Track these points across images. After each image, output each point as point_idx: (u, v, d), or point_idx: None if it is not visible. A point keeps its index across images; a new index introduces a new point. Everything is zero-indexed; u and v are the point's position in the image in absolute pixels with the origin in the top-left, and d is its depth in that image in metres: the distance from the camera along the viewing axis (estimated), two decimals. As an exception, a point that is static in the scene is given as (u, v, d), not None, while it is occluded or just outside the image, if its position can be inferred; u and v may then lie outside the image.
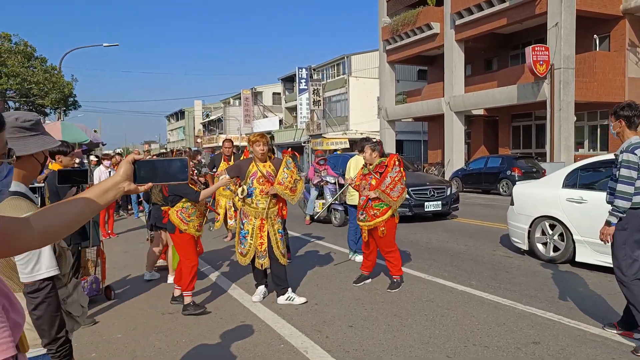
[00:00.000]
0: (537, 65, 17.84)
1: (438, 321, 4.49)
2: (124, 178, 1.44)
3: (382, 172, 5.44)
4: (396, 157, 5.53)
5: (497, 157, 18.70)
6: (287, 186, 4.99)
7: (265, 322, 4.58)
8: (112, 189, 1.41)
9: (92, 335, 4.40)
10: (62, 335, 1.81)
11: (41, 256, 1.75)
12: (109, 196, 1.41)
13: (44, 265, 1.75)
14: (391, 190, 5.34)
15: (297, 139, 41.08)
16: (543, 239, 6.63)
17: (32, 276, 1.74)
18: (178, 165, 1.52)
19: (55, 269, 1.78)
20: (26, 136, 1.75)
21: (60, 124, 15.78)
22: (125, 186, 1.43)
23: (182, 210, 4.87)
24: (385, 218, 5.42)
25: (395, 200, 5.36)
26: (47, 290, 1.76)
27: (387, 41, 27.43)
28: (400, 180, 5.39)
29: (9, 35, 20.30)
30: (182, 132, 75.86)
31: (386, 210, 5.43)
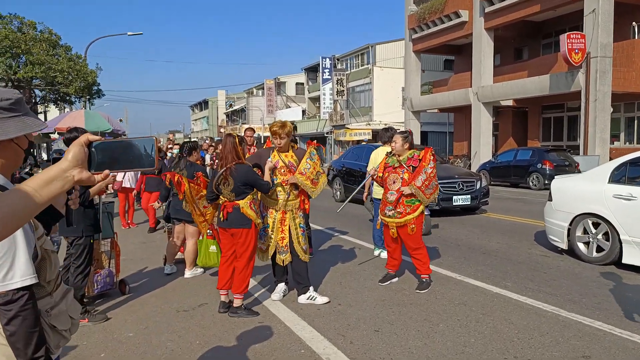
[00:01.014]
0: (572, 53, 17.06)
1: (473, 327, 4.11)
2: (72, 164, 1.12)
3: (416, 166, 5.05)
4: (431, 150, 5.12)
5: (527, 150, 18.01)
6: (309, 177, 4.66)
7: (285, 324, 4.27)
8: (57, 178, 1.10)
9: (103, 333, 4.16)
10: (41, 354, 1.50)
11: (15, 261, 1.44)
12: (54, 188, 1.10)
13: (17, 273, 1.45)
14: (426, 187, 4.96)
15: (319, 130, 40.73)
16: (585, 238, 6.15)
17: (4, 285, 1.43)
18: (144, 147, 1.19)
19: (32, 277, 1.48)
20: (3, 117, 1.44)
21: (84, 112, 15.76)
22: (76, 174, 1.12)
23: (253, 203, 4.50)
24: (416, 215, 5.05)
25: (429, 197, 4.99)
26: (21, 303, 1.45)
27: (413, 30, 26.75)
28: (435, 177, 5.01)
29: (34, 23, 20.36)
30: (205, 121, 76.24)
31: (417, 206, 5.05)
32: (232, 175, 4.35)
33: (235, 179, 4.36)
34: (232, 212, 4.38)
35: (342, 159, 13.83)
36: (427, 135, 33.46)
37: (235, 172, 4.35)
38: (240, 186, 4.37)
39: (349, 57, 39.78)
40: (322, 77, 39.32)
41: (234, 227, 4.41)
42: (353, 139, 33.56)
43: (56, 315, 1.65)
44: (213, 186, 4.47)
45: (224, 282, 4.58)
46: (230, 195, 4.39)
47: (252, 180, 4.41)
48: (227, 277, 4.57)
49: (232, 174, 4.35)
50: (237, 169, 4.36)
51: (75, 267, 4.41)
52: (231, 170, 4.35)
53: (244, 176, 4.37)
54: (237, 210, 4.37)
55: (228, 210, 4.38)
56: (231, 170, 4.35)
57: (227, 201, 4.41)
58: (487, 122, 22.99)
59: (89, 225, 4.45)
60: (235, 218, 4.38)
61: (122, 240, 6.85)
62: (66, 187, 1.13)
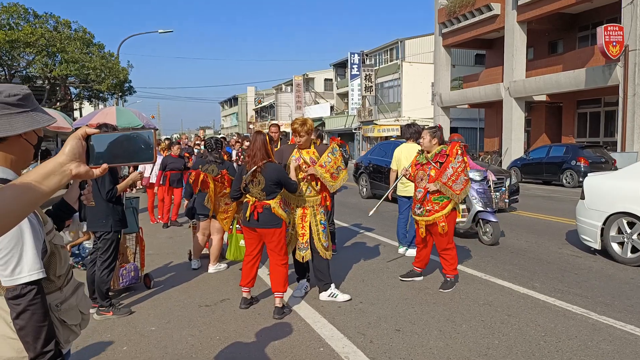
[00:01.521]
0: (609, 46, 16.44)
1: (497, 329, 4.00)
2: (70, 158, 1.10)
3: (443, 161, 4.93)
4: (458, 144, 4.96)
5: (560, 146, 17.48)
6: (329, 170, 4.61)
7: (305, 321, 4.24)
8: (54, 172, 1.08)
9: (127, 326, 4.22)
10: (51, 348, 1.51)
11: (23, 256, 1.45)
12: (52, 182, 1.08)
13: (25, 267, 1.45)
14: (453, 182, 4.83)
15: (347, 126, 40.56)
16: (619, 238, 5.91)
17: (13, 279, 1.45)
18: (142, 140, 1.16)
19: (40, 272, 1.48)
20: (12, 113, 1.45)
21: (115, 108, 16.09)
22: (73, 168, 1.10)
23: (282, 202, 4.47)
24: (445, 212, 4.92)
25: (459, 193, 4.84)
26: (30, 297, 1.46)
27: (443, 24, 26.30)
28: (463, 171, 4.86)
29: (69, 22, 20.89)
30: (235, 118, 76.99)
31: (446, 203, 4.92)
32: (263, 174, 4.29)
33: (267, 178, 4.28)
34: (262, 212, 4.29)
35: (368, 155, 13.72)
36: (457, 131, 32.87)
37: (266, 171, 4.29)
38: (272, 185, 4.29)
39: (378, 53, 39.42)
40: (351, 73, 39.10)
41: (266, 227, 4.33)
42: (381, 135, 33.32)
43: (66, 310, 1.66)
44: (241, 185, 4.40)
45: (247, 280, 4.57)
46: (261, 195, 4.31)
47: (283, 180, 4.34)
48: (251, 275, 4.56)
49: (263, 172, 4.29)
50: (268, 167, 4.29)
51: (102, 261, 4.49)
52: (262, 169, 4.29)
53: (275, 175, 4.30)
54: (268, 210, 4.30)
55: (258, 210, 4.29)
56: (262, 169, 4.29)
57: (257, 201, 4.32)
58: (519, 117, 22.44)
59: (117, 221, 4.53)
60: (267, 218, 4.31)
61: (149, 235, 6.98)
62: (64, 182, 1.12)
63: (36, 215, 1.55)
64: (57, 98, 23.27)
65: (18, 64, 20.55)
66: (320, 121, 43.89)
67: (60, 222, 1.90)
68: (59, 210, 1.91)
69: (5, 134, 1.43)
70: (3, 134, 1.43)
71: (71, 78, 21.38)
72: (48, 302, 1.58)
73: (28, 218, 1.48)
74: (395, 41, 36.93)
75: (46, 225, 1.60)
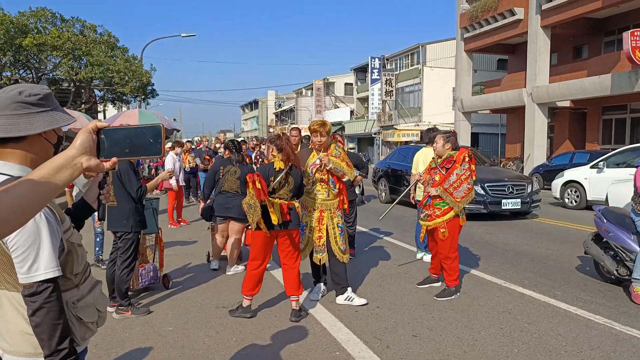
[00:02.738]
0: (636, 51, 16.09)
1: (516, 337, 3.93)
2: (80, 151, 1.11)
3: (449, 167, 4.88)
4: (467, 152, 4.87)
5: (584, 153, 17.15)
6: (343, 159, 4.64)
7: (321, 324, 4.23)
8: (66, 166, 1.09)
9: (145, 325, 4.27)
10: (65, 346, 1.53)
11: (39, 254, 1.47)
12: (64, 175, 1.09)
13: (42, 265, 1.47)
14: (455, 189, 4.77)
15: (367, 130, 40.51)
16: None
17: (29, 277, 1.47)
18: (151, 134, 1.17)
19: (56, 270, 1.50)
20: (32, 112, 1.48)
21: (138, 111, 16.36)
22: (84, 161, 1.11)
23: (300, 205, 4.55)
24: (446, 219, 4.87)
25: (459, 201, 4.79)
26: (46, 295, 1.48)
27: (465, 29, 26.09)
28: (467, 179, 4.78)
29: (95, 26, 21.36)
30: (255, 121, 77.51)
31: (448, 210, 4.87)
32: (293, 175, 4.34)
33: (295, 179, 4.35)
34: (290, 213, 4.31)
35: (387, 159, 13.67)
36: (478, 136, 32.58)
37: (295, 173, 4.36)
38: (297, 187, 4.38)
39: (399, 57, 39.31)
40: (371, 78, 39.05)
41: (293, 227, 4.36)
42: (401, 139, 33.16)
43: (83, 308, 1.68)
44: (271, 186, 4.30)
45: (253, 287, 4.41)
46: (289, 195, 4.33)
47: (302, 182, 4.44)
48: (257, 283, 4.43)
49: (293, 174, 4.35)
50: (295, 170, 4.37)
51: (122, 260, 4.55)
52: (292, 171, 4.34)
53: (300, 176, 4.40)
54: (294, 210, 4.34)
55: (286, 211, 4.29)
56: (292, 171, 4.34)
57: (283, 202, 4.29)
58: (541, 123, 22.09)
59: (138, 221, 4.59)
60: (294, 218, 4.35)
61: (168, 236, 7.06)
62: (75, 175, 1.13)
63: (54, 213, 1.57)
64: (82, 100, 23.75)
65: (45, 67, 21.05)
66: (340, 125, 43.90)
67: (79, 221, 1.93)
68: (78, 209, 1.93)
69: (26, 133, 1.46)
70: (24, 133, 1.45)
71: (96, 81, 21.81)
72: (65, 299, 1.60)
73: (45, 216, 1.51)
74: (417, 46, 36.79)
75: (64, 224, 1.63)
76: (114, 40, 22.29)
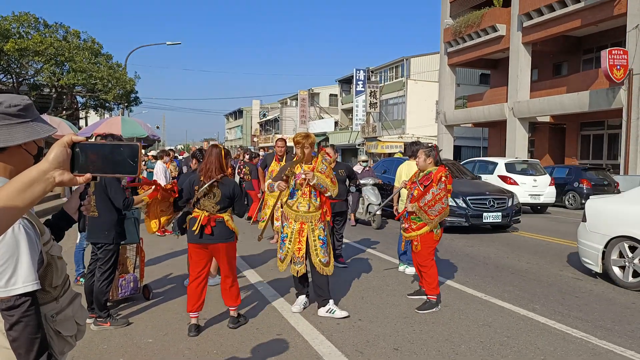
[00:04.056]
0: (613, 70, 16.54)
1: (496, 351, 3.97)
2: (53, 165, 1.10)
3: (427, 185, 4.97)
4: (444, 172, 4.97)
5: (563, 168, 17.48)
6: (328, 175, 4.66)
7: (303, 337, 4.22)
8: (38, 180, 1.09)
9: (124, 337, 4.21)
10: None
11: (18, 267, 1.45)
12: (36, 190, 1.08)
13: (20, 279, 1.45)
14: (429, 208, 4.87)
15: (351, 141, 40.68)
16: (620, 262, 5.87)
17: (7, 290, 1.44)
18: (128, 153, 1.16)
19: (35, 284, 1.48)
20: (12, 124, 1.47)
21: (121, 118, 16.22)
22: (57, 176, 1.10)
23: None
24: (420, 233, 4.98)
25: (432, 219, 4.89)
26: (24, 308, 1.46)
27: (448, 43, 26.54)
28: (441, 200, 4.89)
29: (78, 32, 21.16)
30: (240, 130, 77.33)
31: (422, 225, 4.97)
32: (220, 187, 4.26)
33: (223, 192, 4.26)
34: (216, 226, 4.20)
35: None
36: (461, 149, 32.96)
37: (223, 185, 4.27)
38: (227, 199, 4.27)
39: (383, 70, 39.70)
40: (356, 89, 39.32)
41: (220, 241, 4.23)
42: (385, 151, 33.38)
43: (62, 321, 1.65)
44: (194, 197, 4.27)
45: (197, 304, 4.29)
46: (215, 208, 4.24)
47: (238, 196, 4.33)
48: (202, 298, 4.34)
49: (219, 185, 4.26)
50: (225, 181, 4.29)
51: (102, 272, 4.49)
52: (219, 183, 4.26)
53: (232, 190, 4.28)
54: (221, 223, 4.22)
55: (212, 224, 4.19)
56: (219, 183, 4.26)
57: (210, 214, 4.23)
58: (522, 138, 22.50)
59: (119, 232, 4.54)
60: (221, 231, 4.22)
61: (150, 246, 6.97)
62: (48, 189, 1.12)
63: (33, 225, 1.55)
64: (63, 106, 23.46)
65: (26, 72, 20.78)
66: (324, 136, 44.02)
67: (59, 232, 1.90)
68: (59, 220, 1.91)
69: (5, 144, 1.44)
70: (3, 144, 1.44)
71: (78, 87, 21.58)
72: (43, 312, 1.58)
73: (24, 229, 1.49)
74: (401, 59, 37.21)
75: (43, 236, 1.60)
76: (98, 47, 22.12)
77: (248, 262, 7.05)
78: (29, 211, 1.56)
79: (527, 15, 21.02)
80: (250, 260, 7.14)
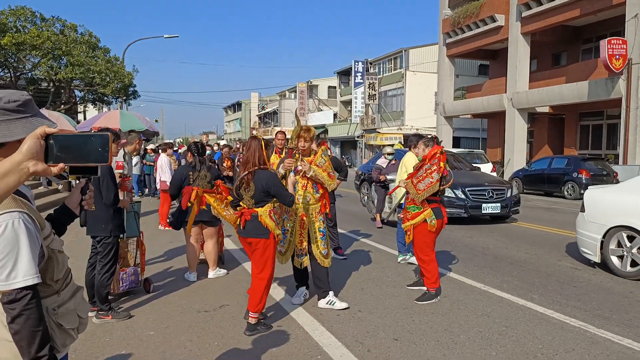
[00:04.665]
0: (612, 59, 16.50)
1: (495, 340, 4.00)
2: (27, 156, 1.14)
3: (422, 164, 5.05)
4: (439, 150, 4.97)
5: (562, 158, 17.51)
6: (325, 169, 4.66)
7: (303, 328, 4.26)
8: (12, 171, 1.13)
9: (125, 330, 4.24)
10: (45, 353, 1.52)
11: (18, 261, 1.47)
12: (10, 181, 1.13)
13: (20, 272, 1.47)
14: (419, 181, 4.89)
15: (350, 133, 40.66)
16: (619, 252, 5.90)
17: (8, 284, 1.46)
18: (99, 142, 1.22)
19: (35, 277, 1.50)
20: (11, 119, 1.48)
21: (119, 112, 16.20)
22: (31, 166, 1.15)
23: (273, 212, 4.21)
24: (414, 223, 4.99)
25: (419, 193, 4.87)
26: (25, 302, 1.48)
27: (447, 34, 26.44)
28: (431, 174, 4.84)
29: (75, 26, 21.06)
30: (238, 123, 77.21)
31: (417, 214, 4.98)
32: (254, 181, 4.14)
33: (257, 185, 4.14)
34: (250, 220, 4.12)
35: (370, 163, 13.74)
36: (460, 140, 32.96)
37: (257, 178, 4.14)
38: (261, 193, 4.12)
39: (382, 61, 39.60)
40: (354, 81, 39.25)
41: (251, 236, 4.14)
42: (384, 143, 33.37)
43: (63, 314, 1.67)
44: (234, 191, 4.28)
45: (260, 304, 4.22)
46: (250, 202, 4.16)
47: (274, 189, 4.12)
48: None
49: (254, 179, 4.15)
50: (259, 174, 4.14)
51: (102, 265, 4.52)
52: (253, 175, 4.15)
53: (265, 183, 4.12)
54: (255, 218, 4.10)
55: (246, 217, 4.12)
56: (253, 175, 4.15)
57: (246, 208, 4.17)
58: (521, 128, 22.49)
59: (117, 226, 4.57)
60: (253, 227, 4.12)
61: (151, 240, 7.00)
62: (22, 179, 1.15)
63: (33, 219, 1.56)
64: (61, 101, 23.41)
65: (24, 66, 20.71)
66: (323, 128, 43.98)
67: (61, 226, 1.92)
68: (60, 215, 1.93)
69: (4, 140, 1.45)
70: (1, 140, 1.45)
71: (76, 81, 21.52)
72: (45, 305, 1.60)
73: (24, 223, 1.50)
74: (400, 50, 37.11)
75: (44, 230, 1.62)
76: (95, 41, 22.03)
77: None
78: (29, 205, 1.58)
79: (526, 5, 20.93)
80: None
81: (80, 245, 7.20)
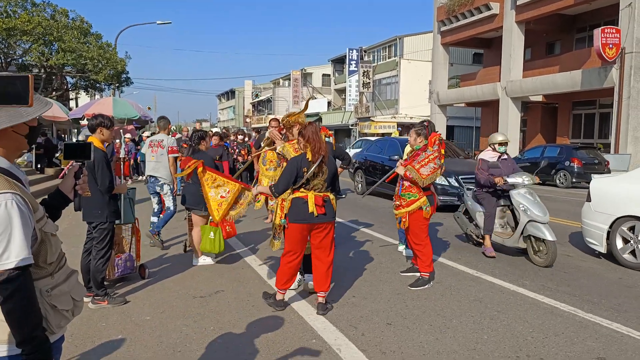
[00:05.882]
0: (606, 48, 16.55)
1: (486, 325, 4.08)
2: None
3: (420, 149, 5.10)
4: (438, 136, 5.07)
5: (555, 147, 17.62)
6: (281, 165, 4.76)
7: (298, 313, 4.31)
8: None
9: (121, 315, 4.27)
10: (36, 334, 1.55)
11: (11, 242, 1.50)
12: None
13: (13, 253, 1.50)
14: (422, 167, 4.93)
15: (344, 122, 40.60)
16: (627, 242, 5.85)
17: (0, 264, 1.49)
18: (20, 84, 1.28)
19: (28, 258, 1.53)
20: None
21: (112, 99, 16.08)
22: None
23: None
24: (409, 210, 5.05)
25: (424, 178, 4.92)
26: (17, 282, 1.51)
27: (442, 22, 26.36)
28: (434, 160, 4.94)
29: (66, 11, 20.76)
30: (232, 111, 76.84)
31: (412, 202, 5.04)
32: (327, 165, 4.16)
33: (330, 168, 4.17)
34: (326, 205, 4.14)
35: (364, 151, 13.79)
36: (454, 129, 33.05)
37: (329, 162, 4.15)
38: (332, 176, 4.21)
39: (376, 49, 39.46)
40: (349, 69, 39.12)
41: (330, 220, 4.19)
42: (378, 131, 33.39)
43: (57, 296, 1.70)
44: (304, 177, 4.09)
45: (286, 280, 4.37)
46: (323, 186, 4.17)
47: (336, 172, 4.33)
48: (291, 275, 4.37)
49: (327, 163, 4.16)
50: (330, 159, 4.18)
51: (98, 250, 4.53)
52: (325, 160, 4.14)
53: (334, 166, 4.26)
54: (328, 201, 4.18)
55: (317, 202, 4.09)
56: (325, 160, 4.14)
57: (317, 194, 4.13)
58: (515, 117, 22.57)
59: (113, 212, 4.57)
60: (330, 210, 4.18)
61: (145, 226, 7.00)
62: None
63: (26, 202, 1.58)
64: (53, 87, 23.18)
65: (14, 52, 20.46)
66: (317, 116, 43.88)
67: (55, 210, 1.93)
68: (54, 199, 1.94)
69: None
70: None
71: (68, 67, 21.30)
72: (38, 287, 1.62)
73: (17, 204, 1.53)
74: (394, 38, 36.98)
75: (36, 213, 1.64)
76: (87, 26, 21.76)
77: (243, 241, 7.12)
78: (22, 188, 1.60)
79: (521, -7, 20.88)
80: (245, 239, 7.21)
81: (75, 231, 7.21)
